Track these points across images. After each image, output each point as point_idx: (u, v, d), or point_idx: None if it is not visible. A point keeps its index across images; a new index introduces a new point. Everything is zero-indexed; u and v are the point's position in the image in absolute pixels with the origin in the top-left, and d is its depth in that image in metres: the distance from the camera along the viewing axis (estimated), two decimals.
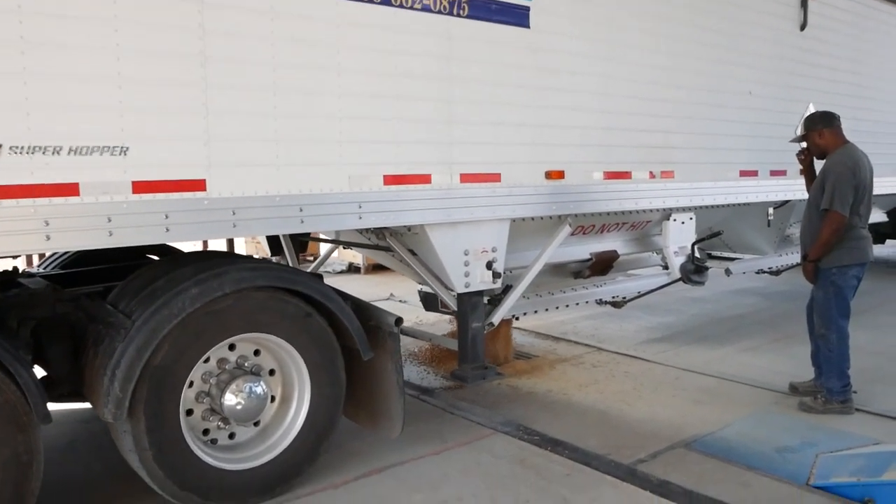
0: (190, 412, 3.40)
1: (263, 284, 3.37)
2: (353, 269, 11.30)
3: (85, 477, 3.85)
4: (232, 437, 3.54)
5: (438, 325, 6.88)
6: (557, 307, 5.79)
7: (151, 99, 2.96)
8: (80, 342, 3.41)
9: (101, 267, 4.35)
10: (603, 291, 6.00)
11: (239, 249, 10.18)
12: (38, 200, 2.74)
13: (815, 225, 4.54)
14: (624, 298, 6.26)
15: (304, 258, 12.12)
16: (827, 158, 4.59)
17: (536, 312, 5.63)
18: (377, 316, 3.81)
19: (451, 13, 3.90)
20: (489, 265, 4.27)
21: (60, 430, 4.43)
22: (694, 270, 5.50)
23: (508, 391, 5.11)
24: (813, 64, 6.42)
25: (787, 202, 6.57)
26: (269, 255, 6.18)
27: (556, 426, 4.39)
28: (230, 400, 3.36)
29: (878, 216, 8.39)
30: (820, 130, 4.61)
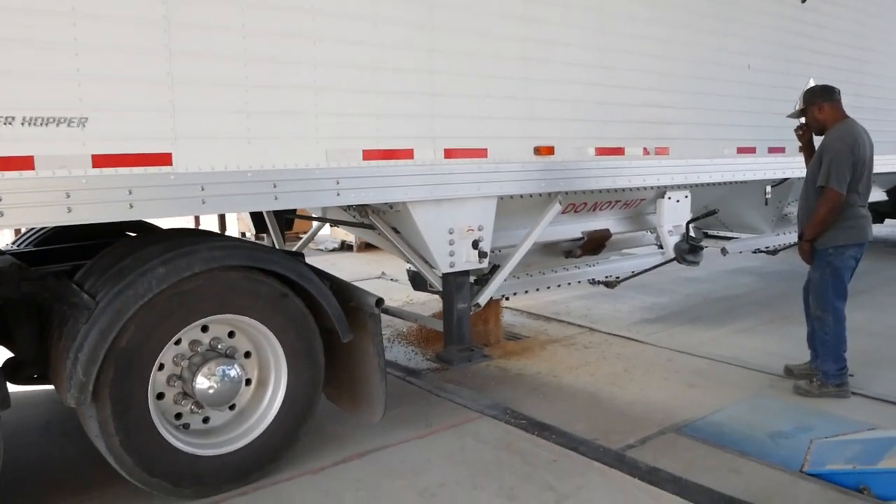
0: (161, 396, 3.26)
1: (235, 264, 3.22)
2: (345, 246, 11.16)
3: (59, 460, 3.73)
4: (206, 421, 3.42)
5: (430, 304, 6.76)
6: (549, 287, 5.66)
7: (111, 67, 2.80)
8: (46, 323, 3.27)
9: (74, 244, 4.20)
10: (595, 271, 5.87)
11: (231, 228, 10.04)
12: None
13: (812, 203, 4.39)
14: (617, 278, 6.13)
15: (295, 236, 12.00)
16: (826, 134, 4.43)
17: (527, 293, 5.51)
18: (358, 296, 3.67)
19: None
20: (475, 244, 4.12)
21: (36, 411, 4.33)
22: (688, 250, 5.36)
23: (497, 373, 4.99)
24: (814, 37, 6.23)
25: (785, 180, 6.41)
26: (254, 232, 6.04)
27: (544, 409, 4.27)
28: (202, 383, 3.23)
29: (877, 195, 8.23)
30: (819, 105, 4.44)
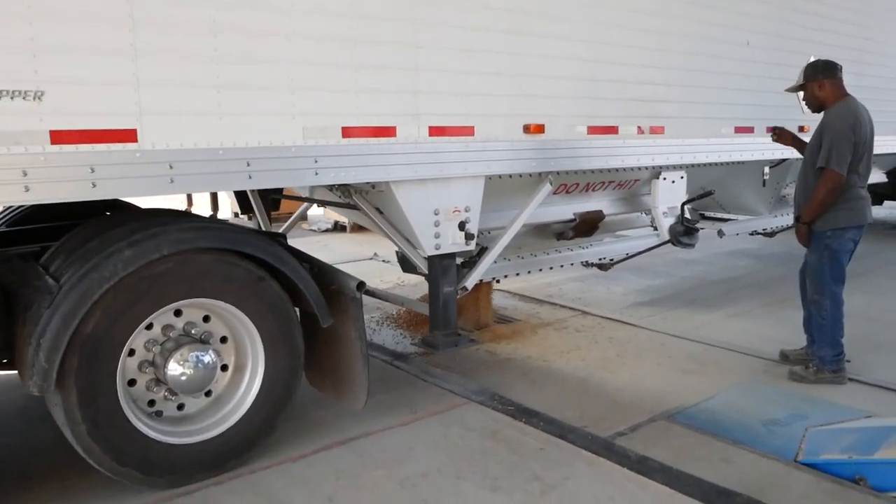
0: (132, 382, 3.14)
1: (207, 246, 3.08)
2: (338, 227, 11.02)
3: (32, 446, 3.61)
4: (181, 408, 3.30)
5: (421, 286, 6.61)
6: (541, 270, 5.53)
7: (69, 36, 2.64)
8: (12, 307, 3.14)
9: (48, 225, 4.06)
10: (589, 253, 5.74)
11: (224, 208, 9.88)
12: None
13: (810, 184, 4.25)
14: (611, 260, 6.01)
15: (288, 216, 11.84)
16: (825, 112, 4.27)
17: (518, 275, 5.38)
18: (339, 279, 3.54)
19: None
20: (462, 226, 3.98)
21: (13, 395, 4.21)
22: (684, 232, 5.23)
23: (486, 357, 4.88)
24: (816, 14, 6.05)
25: (783, 161, 6.27)
26: (238, 212, 5.90)
27: (532, 395, 4.16)
28: (174, 369, 3.10)
29: (877, 176, 8.08)
30: (821, 81, 4.27)
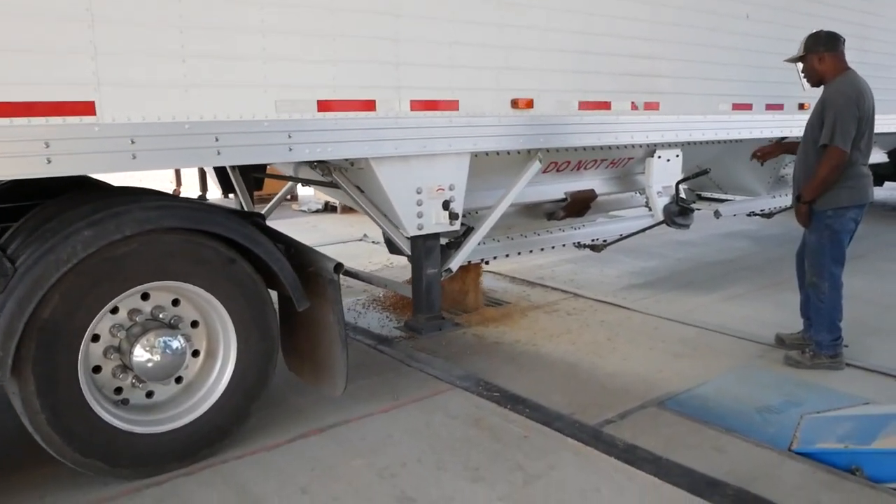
0: (97, 369, 3.00)
1: (173, 226, 2.92)
2: (329, 208, 10.85)
3: None
4: (150, 395, 3.16)
5: (410, 268, 6.48)
6: (531, 251, 5.38)
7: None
8: None
9: (13, 205, 3.89)
10: (581, 234, 5.59)
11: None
12: None
13: (811, 162, 4.09)
14: (604, 241, 5.85)
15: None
16: (826, 87, 4.10)
17: (508, 256, 5.23)
18: (317, 261, 3.38)
19: None
20: (446, 205, 3.82)
21: None
22: (678, 212, 5.07)
23: (473, 341, 4.74)
24: None
25: (783, 139, 6.08)
26: (220, 192, 5.73)
27: (519, 381, 4.03)
28: (140, 355, 2.96)
29: (878, 156, 7.91)
30: (821, 54, 4.09)
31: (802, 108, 5.82)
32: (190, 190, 11.37)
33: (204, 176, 9.94)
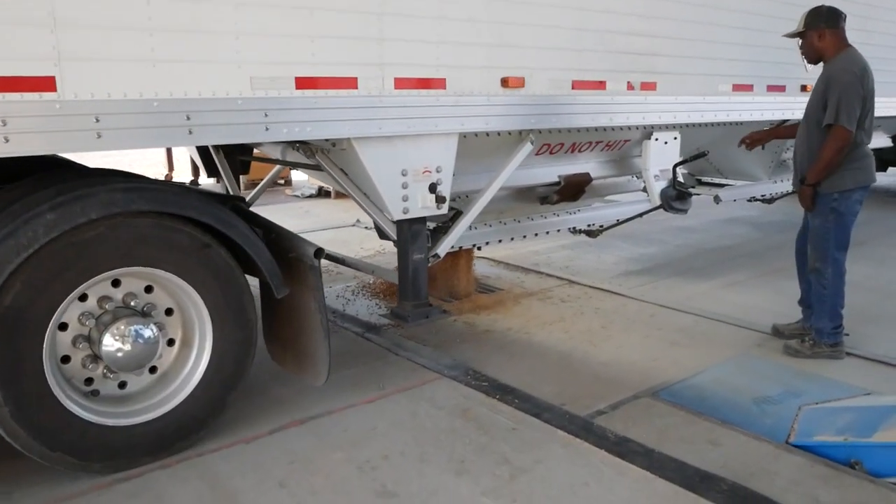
0: (66, 359, 2.88)
1: (143, 209, 2.78)
2: (323, 193, 10.70)
3: None
4: (123, 386, 3.04)
5: None
6: (525, 236, 5.24)
7: None
8: None
9: None
10: (577, 219, 5.45)
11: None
12: None
13: (814, 143, 3.94)
14: (601, 227, 5.71)
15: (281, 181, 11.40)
16: (828, 64, 3.94)
17: (501, 242, 5.09)
18: (297, 246, 3.25)
19: None
20: (433, 188, 3.67)
21: None
22: (676, 196, 4.92)
23: (464, 329, 4.61)
24: None
25: (784, 122, 5.92)
26: (205, 175, 5.58)
27: (509, 370, 3.90)
28: (109, 345, 2.83)
29: (881, 141, 7.74)
30: (821, 30, 3.93)
31: (805, 89, 5.65)
32: (184, 174, 11.22)
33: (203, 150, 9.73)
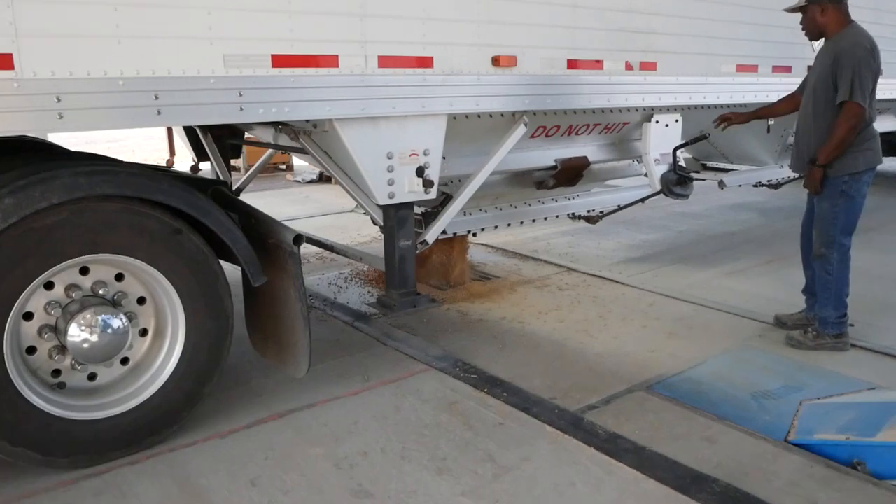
0: (32, 350, 2.76)
1: (110, 193, 2.65)
2: (323, 178, 10.55)
3: None
4: (92, 378, 2.92)
5: None
6: (522, 222, 5.11)
7: None
8: None
9: None
10: (575, 204, 5.30)
11: None
12: None
13: (821, 121, 3.76)
14: (601, 213, 5.55)
15: (274, 166, 11.22)
16: (832, 39, 3.76)
17: (497, 228, 4.96)
18: (276, 232, 3.12)
19: None
20: (420, 171, 3.53)
21: None
22: (676, 181, 4.75)
23: (456, 318, 4.48)
24: None
25: None
26: (194, 159, 5.45)
27: (500, 361, 3.77)
28: (75, 335, 2.71)
29: (890, 124, 7.51)
30: (824, 5, 3.74)
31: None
32: (187, 159, 11.10)
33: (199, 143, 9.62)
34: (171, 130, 9.21)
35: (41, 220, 2.54)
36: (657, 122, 4.69)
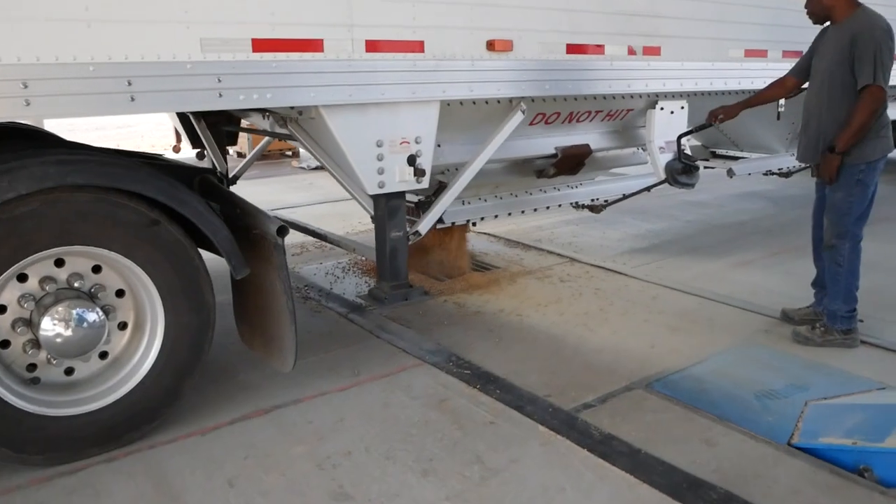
0: (6, 344, 2.68)
1: (80, 183, 2.55)
2: None
3: None
4: (70, 372, 2.83)
5: None
6: (523, 211, 4.97)
7: None
8: None
9: None
10: (578, 193, 5.15)
11: None
12: None
13: (836, 105, 3.59)
14: (605, 202, 5.41)
15: (279, 153, 11.11)
16: (844, 22, 3.59)
17: (497, 217, 4.82)
18: (261, 223, 3.01)
19: None
20: (411, 160, 3.40)
21: None
22: (681, 170, 4.59)
23: (453, 310, 4.36)
24: None
25: (802, 90, 5.52)
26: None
27: (496, 356, 3.66)
28: (48, 329, 2.63)
29: None
30: None
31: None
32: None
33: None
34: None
35: (9, 210, 2.44)
36: (662, 108, 4.52)
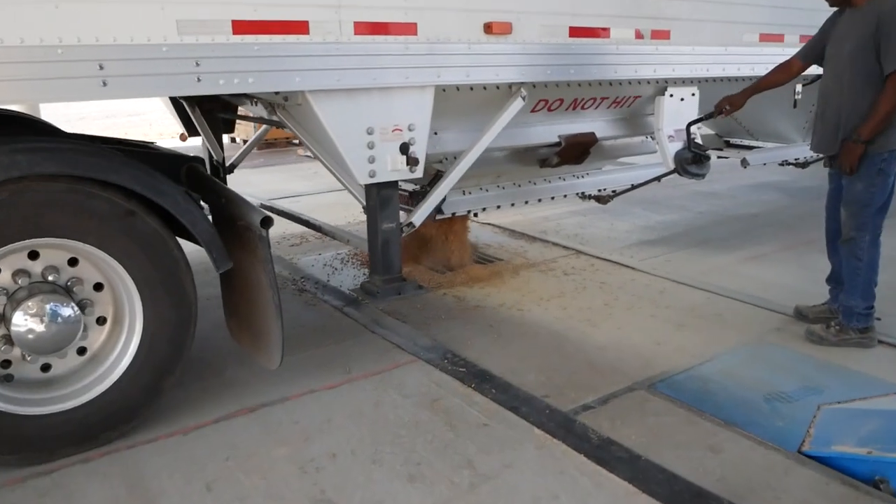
0: None
1: (51, 172, 2.43)
2: None
3: None
4: (46, 369, 2.73)
5: None
6: (526, 202, 4.83)
7: None
8: None
9: None
10: (584, 183, 5.00)
11: None
12: None
13: (863, 96, 3.40)
14: (613, 192, 5.24)
15: (283, 141, 10.98)
16: (868, 4, 3.39)
17: (499, 207, 4.68)
18: (246, 214, 2.88)
19: None
20: (404, 148, 3.25)
21: None
22: (691, 160, 4.41)
23: (452, 304, 4.22)
24: None
25: (819, 78, 5.31)
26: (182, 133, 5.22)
27: (493, 353, 3.52)
28: (20, 325, 2.52)
29: None
30: None
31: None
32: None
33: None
34: None
35: None
36: (671, 95, 4.34)
